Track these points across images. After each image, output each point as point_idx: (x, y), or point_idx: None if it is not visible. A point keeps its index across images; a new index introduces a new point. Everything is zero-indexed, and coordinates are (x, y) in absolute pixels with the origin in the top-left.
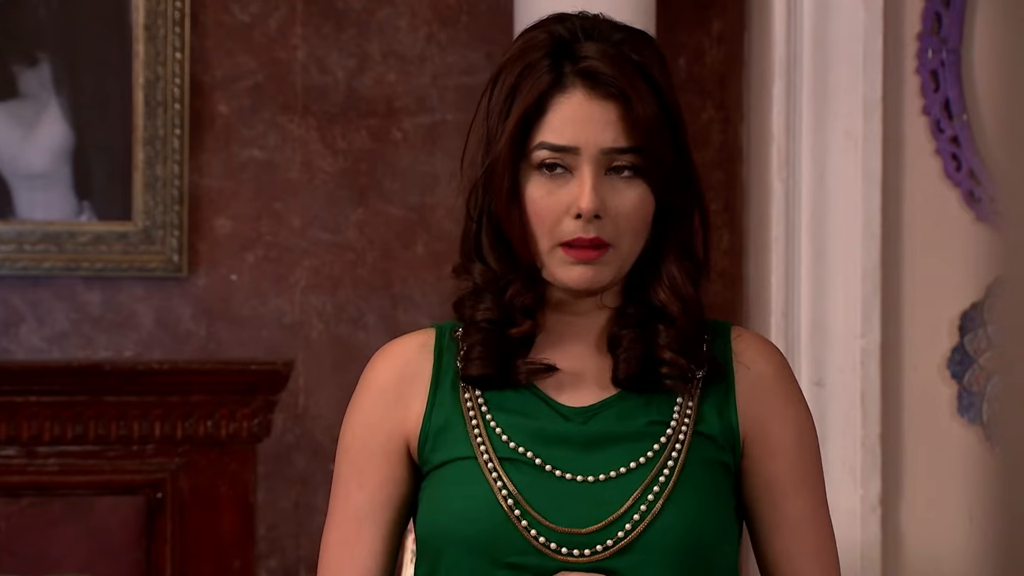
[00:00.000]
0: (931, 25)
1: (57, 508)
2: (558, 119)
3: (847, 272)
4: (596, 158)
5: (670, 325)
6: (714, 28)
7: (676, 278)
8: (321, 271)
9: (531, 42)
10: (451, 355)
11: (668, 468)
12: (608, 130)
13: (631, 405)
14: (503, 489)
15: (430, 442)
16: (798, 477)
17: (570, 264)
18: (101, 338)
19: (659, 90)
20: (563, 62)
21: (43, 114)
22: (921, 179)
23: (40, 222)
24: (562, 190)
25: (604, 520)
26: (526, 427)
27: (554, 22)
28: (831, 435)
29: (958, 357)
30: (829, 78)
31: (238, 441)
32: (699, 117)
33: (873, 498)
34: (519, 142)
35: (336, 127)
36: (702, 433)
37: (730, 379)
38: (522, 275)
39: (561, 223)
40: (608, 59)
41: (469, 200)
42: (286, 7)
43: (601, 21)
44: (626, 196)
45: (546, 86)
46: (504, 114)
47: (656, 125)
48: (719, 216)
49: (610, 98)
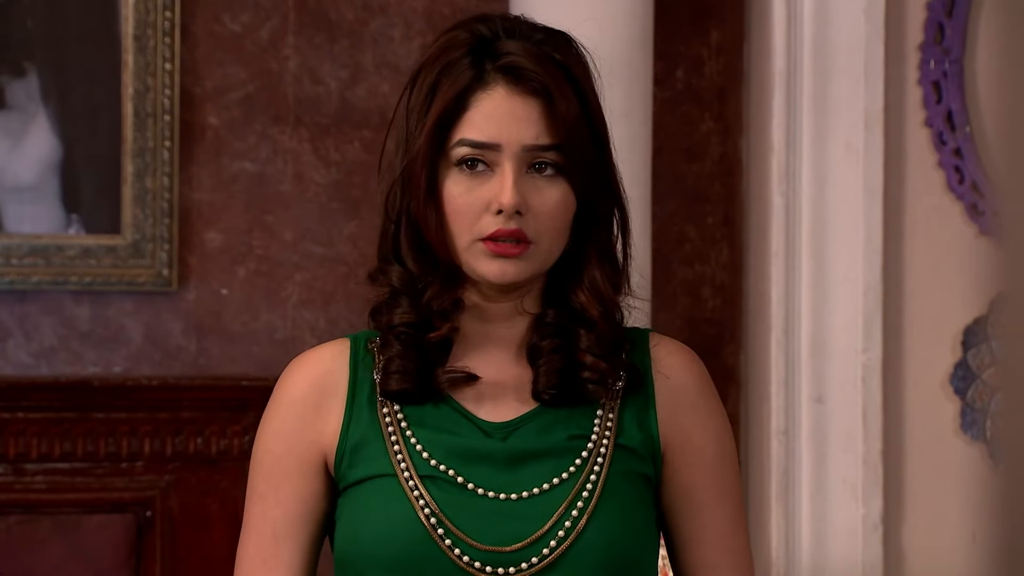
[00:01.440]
0: (933, 35)
1: (44, 526)
2: (479, 115)
3: (848, 287)
4: (518, 155)
5: (590, 329)
6: (713, 38)
7: (597, 281)
8: (314, 285)
9: (452, 41)
10: (367, 368)
11: (591, 483)
12: (530, 127)
13: (551, 419)
14: (425, 507)
15: (347, 458)
16: (718, 488)
17: (490, 257)
18: (89, 353)
19: (581, 90)
20: (484, 60)
21: (31, 125)
22: (923, 192)
23: (28, 235)
24: (483, 187)
25: (528, 538)
26: (446, 443)
27: (475, 22)
28: (832, 452)
29: (961, 373)
30: (829, 89)
31: (229, 458)
32: (697, 129)
33: (875, 516)
34: (438, 140)
35: (329, 139)
36: (623, 446)
37: (649, 388)
38: (440, 276)
39: (481, 219)
40: (530, 56)
41: (387, 201)
42: (278, 17)
43: (523, 22)
44: (547, 194)
45: (467, 83)
46: (423, 112)
47: (578, 124)
48: (718, 229)
49: (532, 94)
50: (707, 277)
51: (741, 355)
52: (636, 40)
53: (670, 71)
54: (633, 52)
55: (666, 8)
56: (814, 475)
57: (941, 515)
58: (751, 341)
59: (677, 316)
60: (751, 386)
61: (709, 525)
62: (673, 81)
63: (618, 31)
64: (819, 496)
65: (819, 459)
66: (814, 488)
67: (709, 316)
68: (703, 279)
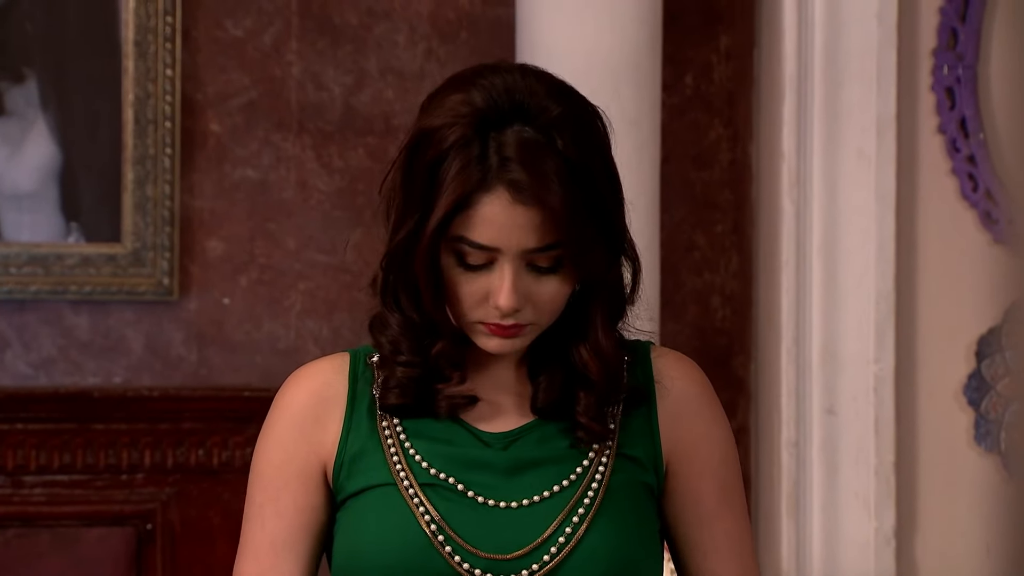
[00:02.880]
0: (947, 40)
1: (43, 540)
2: (480, 219)
3: (860, 296)
4: (517, 256)
5: (590, 391)
6: (722, 43)
7: (602, 345)
8: (317, 295)
9: (455, 110)
10: (366, 382)
11: (592, 491)
12: (531, 233)
13: (552, 430)
14: (425, 515)
15: (346, 469)
16: (724, 496)
17: (488, 336)
18: (89, 364)
19: (585, 176)
20: (489, 151)
21: (30, 132)
22: (936, 200)
23: (26, 244)
24: (482, 279)
25: (528, 546)
26: (445, 453)
27: (477, 88)
28: (843, 464)
29: (975, 383)
30: (841, 95)
31: (231, 470)
32: (707, 135)
33: (887, 529)
34: (442, 228)
35: (332, 145)
36: (625, 455)
37: (652, 399)
38: (447, 336)
39: (480, 307)
40: (528, 163)
41: (385, 259)
42: (281, 22)
43: (531, 84)
44: (547, 286)
45: (473, 185)
46: (426, 189)
47: (575, 223)
48: (727, 237)
49: (531, 203)
50: (716, 286)
51: (751, 365)
52: (644, 45)
53: (679, 76)
54: (641, 57)
55: (675, 12)
56: (825, 487)
57: (955, 528)
58: (761, 351)
59: (686, 325)
60: (761, 397)
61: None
62: (682, 87)
63: (626, 36)
64: (830, 509)
65: (830, 471)
66: (825, 501)
67: (718, 326)
68: (712, 288)
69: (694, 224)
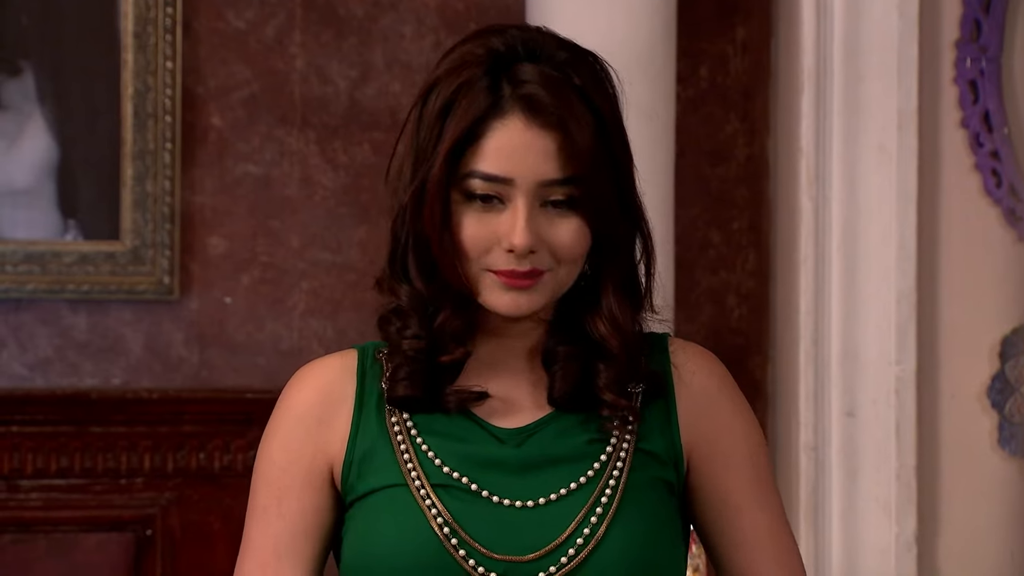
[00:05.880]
0: (970, 32)
1: (40, 545)
2: (493, 146)
3: (880, 295)
4: (531, 190)
5: (610, 363)
6: (738, 35)
7: (615, 311)
8: (321, 294)
9: (468, 56)
10: (375, 377)
11: (610, 488)
12: (546, 161)
13: (568, 424)
14: (438, 517)
15: (355, 469)
16: (754, 490)
17: (501, 289)
18: (87, 365)
19: (601, 117)
20: (501, 82)
21: (26, 127)
22: (959, 196)
23: (23, 241)
24: (495, 220)
25: (546, 547)
26: (459, 451)
27: (493, 34)
28: (863, 468)
29: (999, 385)
30: (861, 88)
31: (233, 474)
32: (722, 129)
33: (908, 535)
34: (451, 166)
35: (337, 140)
36: (643, 450)
37: (670, 393)
38: (452, 299)
39: (492, 252)
40: (549, 85)
41: (396, 220)
42: (284, 14)
43: (544, 36)
44: (561, 228)
45: (482, 110)
46: (436, 133)
47: (596, 156)
48: (744, 235)
49: (549, 127)
50: (732, 285)
51: (768, 367)
52: (658, 36)
53: (694, 69)
54: (655, 49)
55: (690, 3)
56: (845, 492)
57: (978, 533)
58: (779, 352)
59: (701, 325)
60: (779, 399)
61: (749, 529)
62: (697, 79)
63: (640, 27)
64: (850, 514)
65: (850, 475)
66: (845, 505)
67: (735, 326)
68: (728, 287)
69: (709, 221)
